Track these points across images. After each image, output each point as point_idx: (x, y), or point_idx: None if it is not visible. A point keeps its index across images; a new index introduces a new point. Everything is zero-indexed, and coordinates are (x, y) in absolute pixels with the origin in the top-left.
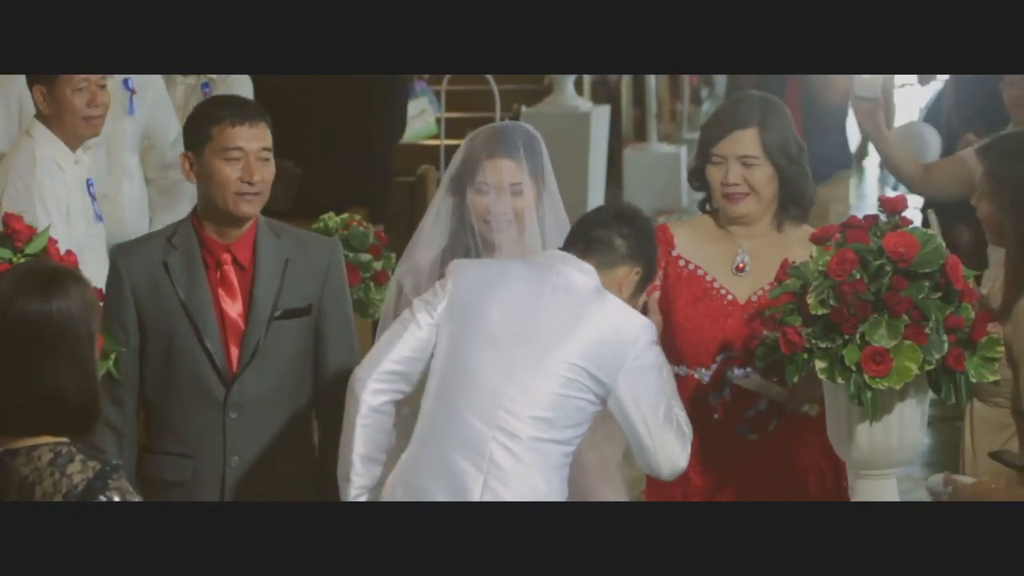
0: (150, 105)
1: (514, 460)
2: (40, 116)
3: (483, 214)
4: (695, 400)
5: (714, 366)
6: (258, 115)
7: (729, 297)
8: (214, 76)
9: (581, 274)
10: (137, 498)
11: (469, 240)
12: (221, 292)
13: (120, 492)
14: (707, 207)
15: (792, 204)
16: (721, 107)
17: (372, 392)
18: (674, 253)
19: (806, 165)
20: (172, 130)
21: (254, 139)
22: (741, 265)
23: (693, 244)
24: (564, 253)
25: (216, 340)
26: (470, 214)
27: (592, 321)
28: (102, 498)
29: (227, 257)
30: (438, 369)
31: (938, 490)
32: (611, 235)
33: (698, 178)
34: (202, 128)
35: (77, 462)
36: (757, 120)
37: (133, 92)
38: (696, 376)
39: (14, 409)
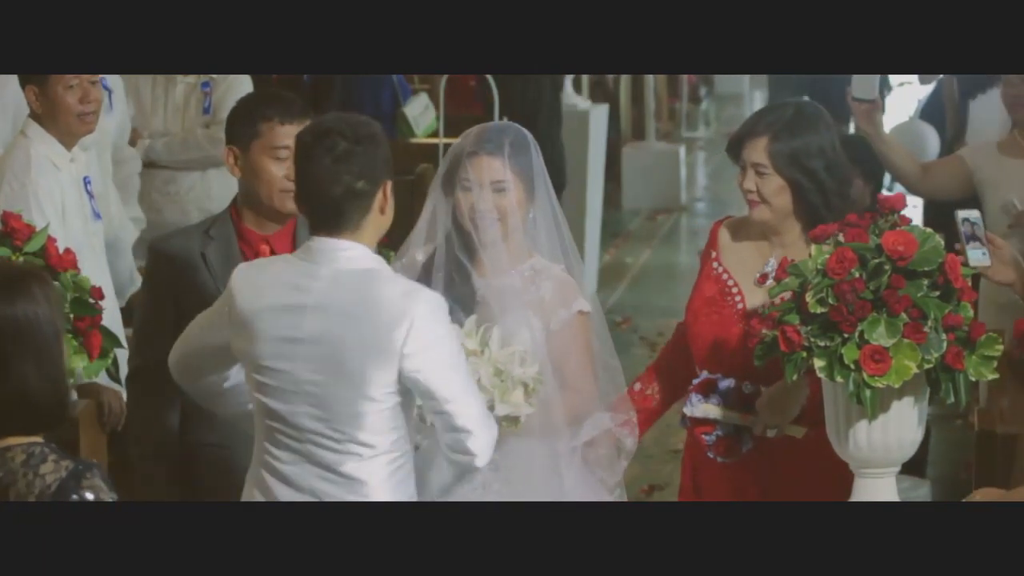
0: (121, 103)
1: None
2: (34, 116)
3: (468, 212)
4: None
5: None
6: (304, 114)
7: (740, 305)
8: (214, 75)
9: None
10: (111, 497)
11: (462, 239)
12: None
13: (94, 491)
14: None
15: (813, 220)
16: (754, 112)
17: None
18: (713, 255)
19: (831, 181)
20: (128, 127)
21: None
22: (762, 278)
23: (734, 246)
24: (321, 241)
25: None
26: (459, 213)
27: None
28: (75, 497)
29: (265, 248)
30: None
31: None
32: (341, 185)
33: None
34: (250, 124)
35: (50, 462)
36: (772, 130)
37: (111, 91)
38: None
39: None
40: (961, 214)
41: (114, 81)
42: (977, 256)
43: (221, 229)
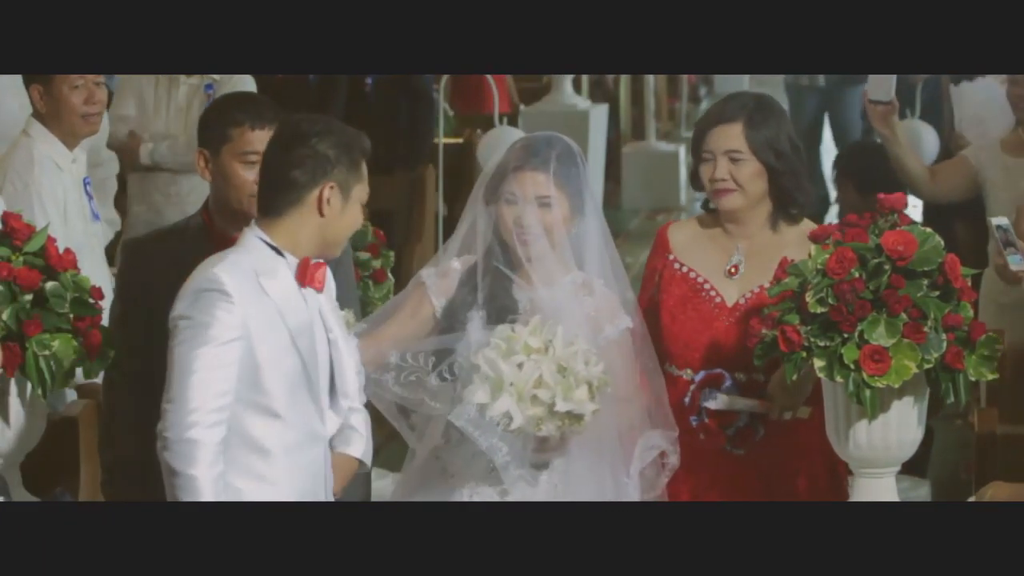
0: None
1: None
2: (38, 115)
3: (510, 225)
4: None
5: (693, 387)
6: (277, 118)
7: (718, 299)
8: (217, 77)
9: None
10: None
11: (503, 252)
12: None
13: None
14: (708, 206)
15: (784, 203)
16: (712, 105)
17: None
18: (670, 257)
19: (800, 164)
20: (105, 128)
21: None
22: (733, 269)
23: (690, 245)
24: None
25: None
26: (502, 226)
27: None
28: None
29: None
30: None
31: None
32: (276, 171)
33: (695, 178)
34: (221, 128)
35: None
36: (743, 115)
37: None
38: (684, 376)
39: None
40: (994, 221)
41: None
42: (1016, 261)
43: (194, 231)
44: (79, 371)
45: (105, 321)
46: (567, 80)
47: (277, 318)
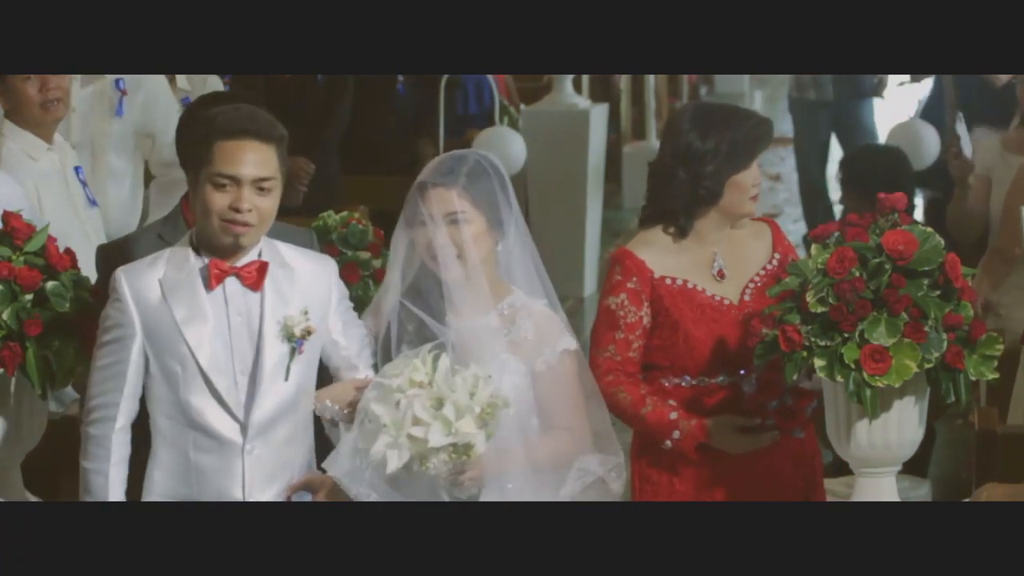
0: (141, 106)
1: None
2: (7, 112)
3: (425, 248)
4: (717, 407)
5: (753, 374)
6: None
7: (726, 302)
8: (189, 88)
9: None
10: None
11: (428, 280)
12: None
13: None
14: (674, 221)
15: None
16: (756, 120)
17: None
18: (657, 276)
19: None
20: (172, 127)
21: None
22: (721, 271)
23: (665, 260)
24: None
25: None
26: (420, 250)
27: None
28: None
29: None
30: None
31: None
32: None
33: (715, 187)
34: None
35: None
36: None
37: (124, 93)
38: (716, 382)
39: None
40: None
41: (138, 83)
42: None
43: (173, 229)
44: (80, 370)
45: None
46: (567, 80)
47: (173, 324)
